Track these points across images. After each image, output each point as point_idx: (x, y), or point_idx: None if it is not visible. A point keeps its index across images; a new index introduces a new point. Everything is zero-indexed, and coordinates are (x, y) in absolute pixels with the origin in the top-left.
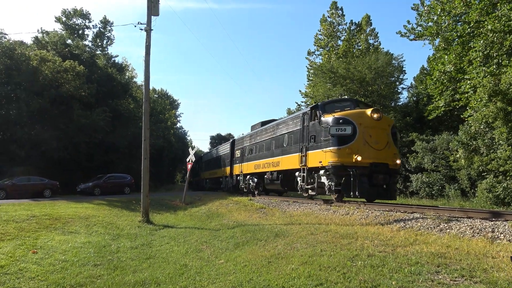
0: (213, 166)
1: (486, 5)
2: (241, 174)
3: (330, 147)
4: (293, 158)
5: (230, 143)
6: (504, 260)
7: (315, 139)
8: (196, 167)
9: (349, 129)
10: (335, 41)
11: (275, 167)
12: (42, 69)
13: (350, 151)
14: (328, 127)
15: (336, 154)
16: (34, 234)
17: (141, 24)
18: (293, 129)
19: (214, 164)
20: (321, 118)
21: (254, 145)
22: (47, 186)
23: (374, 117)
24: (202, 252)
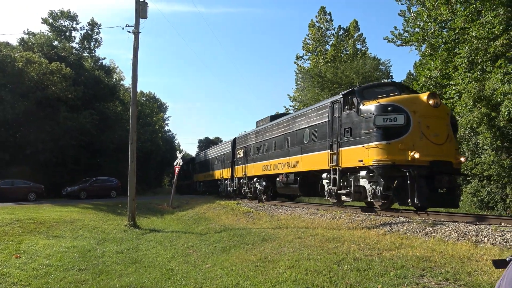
0: (209, 168)
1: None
2: (245, 177)
3: (375, 141)
4: (317, 157)
5: (231, 142)
6: (487, 263)
7: (351, 133)
8: (187, 169)
9: (401, 119)
10: (323, 46)
11: (291, 168)
12: (28, 71)
13: (404, 147)
14: (372, 116)
15: (385, 151)
16: (17, 239)
17: (129, 26)
18: (317, 122)
19: (211, 165)
20: (360, 106)
21: (261, 143)
22: (32, 189)
23: (431, 103)
24: (189, 256)
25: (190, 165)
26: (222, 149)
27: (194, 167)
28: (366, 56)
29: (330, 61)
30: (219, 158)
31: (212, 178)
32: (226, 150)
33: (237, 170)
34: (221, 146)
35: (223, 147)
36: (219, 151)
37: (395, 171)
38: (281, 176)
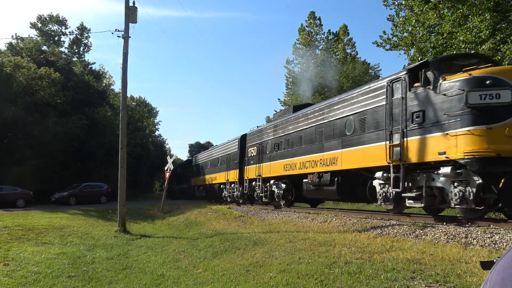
0: (210, 171)
1: (458, 17)
2: (259, 179)
3: (468, 126)
4: (368, 151)
5: (238, 140)
6: (476, 265)
7: (424, 117)
8: (182, 172)
9: (506, 95)
10: (313, 50)
11: (326, 167)
12: (16, 76)
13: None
14: (462, 93)
15: (484, 138)
16: (5, 246)
17: (118, 31)
18: (367, 108)
19: (212, 167)
20: (440, 81)
21: (282, 138)
22: (20, 195)
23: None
24: (180, 262)
25: (186, 168)
26: (226, 148)
27: (191, 170)
28: (355, 61)
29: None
30: (222, 159)
31: (213, 182)
32: (232, 149)
33: (248, 171)
34: (224, 145)
35: (228, 147)
36: (222, 151)
37: (499, 166)
38: (310, 176)
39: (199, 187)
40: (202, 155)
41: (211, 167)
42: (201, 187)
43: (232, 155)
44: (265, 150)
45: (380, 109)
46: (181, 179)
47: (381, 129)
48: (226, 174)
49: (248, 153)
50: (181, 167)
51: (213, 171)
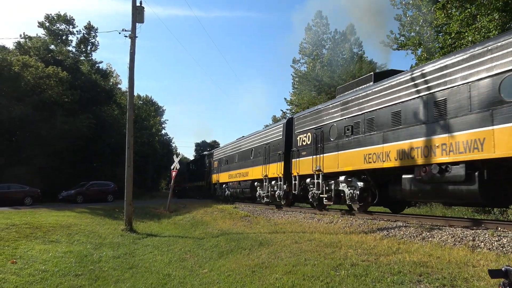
0: (238, 165)
1: (466, 16)
2: (318, 174)
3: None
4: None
5: (283, 126)
6: (484, 269)
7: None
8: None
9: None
10: (320, 49)
11: (458, 155)
12: (24, 75)
13: None
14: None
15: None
16: (13, 244)
17: (125, 31)
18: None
19: (241, 161)
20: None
21: (359, 118)
22: (28, 193)
23: None
24: (186, 261)
25: (202, 163)
26: (264, 137)
27: (209, 166)
28: (362, 60)
29: (326, 65)
30: (257, 151)
31: (243, 178)
32: (273, 137)
33: (299, 164)
34: (261, 133)
35: (266, 135)
36: (257, 141)
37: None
38: (419, 170)
39: (222, 185)
40: (227, 147)
41: (240, 161)
42: (225, 185)
43: (273, 145)
44: (328, 137)
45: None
46: (196, 176)
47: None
48: (264, 168)
49: (297, 141)
50: (195, 163)
51: (243, 166)
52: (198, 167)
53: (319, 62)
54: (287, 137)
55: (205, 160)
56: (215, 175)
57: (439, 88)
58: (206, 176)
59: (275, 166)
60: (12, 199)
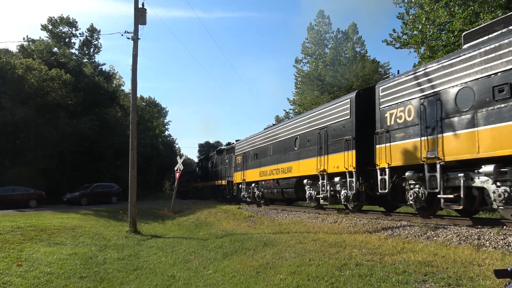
0: (276, 159)
1: (469, 14)
2: (433, 164)
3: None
4: None
5: (351, 101)
6: (489, 268)
7: None
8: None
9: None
10: (322, 49)
11: None
12: (28, 78)
13: None
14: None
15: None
16: (18, 246)
17: (128, 33)
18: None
19: (279, 154)
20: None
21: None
22: (33, 196)
23: None
24: (190, 263)
25: (217, 160)
26: (317, 119)
27: (230, 161)
28: (365, 59)
29: (329, 64)
30: (304, 139)
31: (284, 176)
32: (333, 118)
33: (393, 151)
34: (309, 116)
35: (321, 116)
36: (306, 126)
37: None
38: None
39: (249, 185)
40: (255, 138)
41: (276, 154)
42: (255, 184)
43: (334, 129)
44: (453, 107)
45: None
46: (209, 174)
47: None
48: (320, 161)
49: (385, 119)
50: (208, 160)
51: (283, 159)
52: (213, 164)
53: (322, 62)
54: (359, 117)
55: (223, 155)
56: (239, 173)
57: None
58: (224, 174)
59: (338, 158)
60: (17, 202)
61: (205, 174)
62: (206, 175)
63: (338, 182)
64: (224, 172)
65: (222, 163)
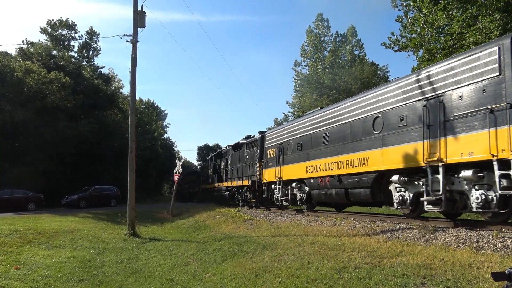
0: (329, 150)
1: (468, 17)
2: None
3: None
4: None
5: (499, 49)
6: (488, 270)
7: None
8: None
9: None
10: (321, 52)
11: None
12: (27, 81)
13: None
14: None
15: None
16: (17, 249)
17: (127, 36)
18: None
19: (336, 143)
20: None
21: None
22: (31, 199)
23: None
24: (189, 266)
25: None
26: (420, 84)
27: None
28: (364, 62)
29: (328, 67)
30: (391, 117)
31: (354, 170)
32: (457, 82)
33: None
34: (405, 81)
35: (427, 79)
36: (389, 101)
37: None
38: None
39: (288, 184)
40: (298, 125)
41: (336, 142)
42: (297, 183)
43: (461, 98)
44: None
45: None
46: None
47: None
48: (430, 145)
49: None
50: (219, 158)
51: (351, 149)
52: (228, 162)
53: (321, 65)
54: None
55: (241, 151)
56: (272, 169)
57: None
58: (247, 173)
59: (471, 139)
60: (15, 205)
61: (221, 174)
62: (222, 174)
63: (469, 177)
64: (246, 171)
65: (241, 160)
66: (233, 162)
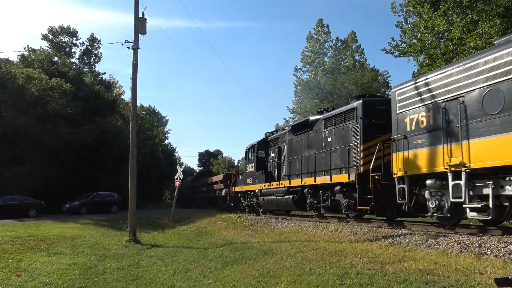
0: None
1: (468, 23)
2: None
3: None
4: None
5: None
6: (491, 276)
7: None
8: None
9: None
10: (322, 57)
11: None
12: (28, 87)
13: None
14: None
15: None
16: (18, 256)
17: (128, 42)
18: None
19: None
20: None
21: None
22: (32, 205)
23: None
24: (190, 272)
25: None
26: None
27: (344, 138)
28: (364, 67)
29: (328, 73)
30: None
31: None
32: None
33: None
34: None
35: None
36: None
37: None
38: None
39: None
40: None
41: None
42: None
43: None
44: None
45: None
46: (278, 170)
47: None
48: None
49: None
50: (265, 146)
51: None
52: (293, 149)
53: (321, 70)
54: None
55: (329, 127)
56: (429, 150)
57: None
58: (339, 163)
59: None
60: (16, 211)
61: (265, 171)
62: (265, 172)
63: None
64: (329, 160)
65: (315, 144)
66: (293, 151)
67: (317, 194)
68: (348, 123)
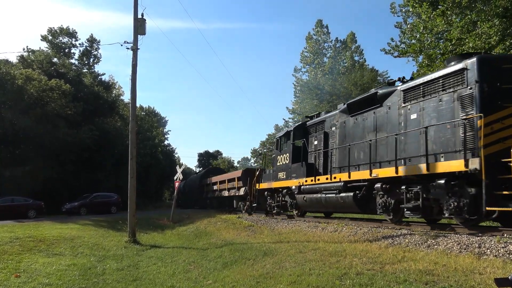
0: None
1: (467, 23)
2: None
3: None
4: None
5: None
6: (491, 276)
7: None
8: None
9: None
10: (321, 58)
11: None
12: (28, 88)
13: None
14: None
15: None
16: (17, 257)
17: (127, 43)
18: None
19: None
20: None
21: None
22: (32, 206)
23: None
24: (190, 273)
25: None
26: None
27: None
28: (364, 68)
29: (328, 73)
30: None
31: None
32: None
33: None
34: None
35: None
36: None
37: None
38: None
39: None
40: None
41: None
42: None
43: None
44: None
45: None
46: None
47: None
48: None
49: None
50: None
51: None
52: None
53: (321, 71)
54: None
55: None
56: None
57: None
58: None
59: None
60: (15, 212)
61: (305, 163)
62: (305, 164)
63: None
64: (431, 143)
65: (386, 125)
66: (349, 136)
67: (395, 192)
68: (451, 91)
